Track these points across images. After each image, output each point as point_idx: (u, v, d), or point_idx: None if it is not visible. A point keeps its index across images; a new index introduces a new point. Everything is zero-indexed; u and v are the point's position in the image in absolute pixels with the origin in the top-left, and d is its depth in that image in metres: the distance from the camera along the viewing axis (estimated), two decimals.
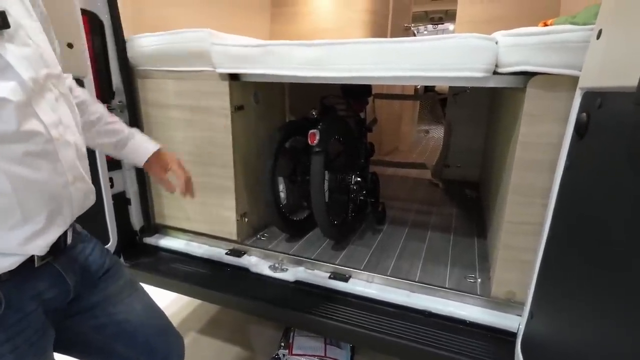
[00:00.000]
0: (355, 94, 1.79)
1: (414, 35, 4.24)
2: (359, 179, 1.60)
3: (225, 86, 1.32)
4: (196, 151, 1.45)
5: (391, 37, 3.21)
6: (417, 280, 1.26)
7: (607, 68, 0.65)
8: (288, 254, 1.44)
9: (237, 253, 1.48)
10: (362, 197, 1.67)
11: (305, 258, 1.41)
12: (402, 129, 4.07)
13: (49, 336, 0.67)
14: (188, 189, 0.99)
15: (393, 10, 3.20)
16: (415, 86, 4.59)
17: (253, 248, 1.49)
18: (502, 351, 1.02)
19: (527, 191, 1.03)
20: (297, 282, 1.33)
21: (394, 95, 3.53)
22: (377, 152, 2.55)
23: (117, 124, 0.92)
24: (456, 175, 2.59)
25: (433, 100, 3.26)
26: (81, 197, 0.66)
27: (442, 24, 5.77)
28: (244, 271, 1.41)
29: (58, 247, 0.66)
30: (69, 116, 0.66)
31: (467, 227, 1.75)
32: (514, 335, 1.05)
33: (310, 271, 1.36)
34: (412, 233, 1.68)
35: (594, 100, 0.68)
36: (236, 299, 1.29)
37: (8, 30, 0.53)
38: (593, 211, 0.64)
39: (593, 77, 0.71)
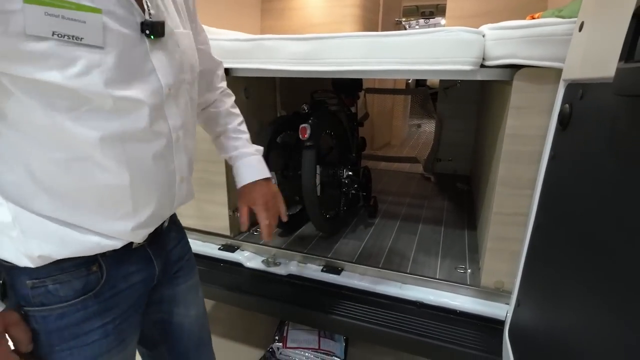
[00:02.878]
0: (346, 89, 1.80)
1: (406, 29, 4.25)
2: (350, 173, 1.61)
3: None
4: None
5: (382, 31, 3.22)
6: (408, 271, 1.28)
7: (588, 59, 0.67)
8: (281, 248, 1.44)
9: (230, 248, 1.48)
10: (354, 191, 1.68)
11: (298, 252, 1.41)
12: (394, 124, 4.09)
13: (135, 327, 0.68)
14: (265, 234, 0.94)
15: (383, 4, 3.20)
16: (407, 81, 4.62)
17: (246, 243, 1.49)
18: (491, 339, 1.04)
19: (514, 183, 1.04)
20: (290, 276, 1.34)
21: (386, 89, 3.55)
22: (369, 147, 2.57)
23: (239, 140, 0.92)
24: (447, 169, 2.62)
25: (424, 94, 3.27)
26: (183, 196, 0.69)
27: (434, 18, 5.78)
28: (237, 266, 1.42)
29: (155, 232, 0.67)
30: (191, 122, 0.69)
31: (458, 220, 1.77)
32: (502, 323, 1.08)
33: (303, 265, 1.37)
34: (403, 226, 1.70)
35: (576, 91, 0.70)
36: (230, 293, 1.30)
37: (162, 38, 0.57)
38: (576, 200, 0.66)
39: (575, 69, 0.73)
